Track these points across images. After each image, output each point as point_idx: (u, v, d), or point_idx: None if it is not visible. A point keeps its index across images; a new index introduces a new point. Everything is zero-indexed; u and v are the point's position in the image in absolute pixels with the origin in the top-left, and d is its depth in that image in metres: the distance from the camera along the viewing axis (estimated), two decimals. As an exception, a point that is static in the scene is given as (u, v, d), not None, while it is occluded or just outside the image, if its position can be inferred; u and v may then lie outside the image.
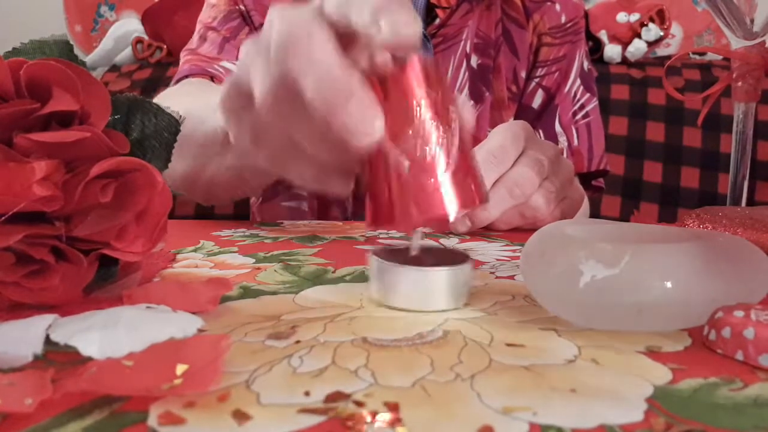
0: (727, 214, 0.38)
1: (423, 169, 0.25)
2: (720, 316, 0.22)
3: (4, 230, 0.23)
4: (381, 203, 0.26)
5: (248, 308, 0.27)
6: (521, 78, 0.71)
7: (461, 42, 0.68)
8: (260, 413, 0.17)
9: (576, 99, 0.72)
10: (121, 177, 0.26)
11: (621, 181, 1.24)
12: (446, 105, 0.26)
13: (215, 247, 0.41)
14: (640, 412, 0.17)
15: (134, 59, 1.54)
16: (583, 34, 0.74)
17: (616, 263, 0.23)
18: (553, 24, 0.71)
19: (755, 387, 0.19)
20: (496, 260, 0.38)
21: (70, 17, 1.84)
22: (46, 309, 0.24)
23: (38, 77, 0.24)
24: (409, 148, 0.25)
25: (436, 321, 0.25)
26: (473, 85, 0.69)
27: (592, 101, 0.73)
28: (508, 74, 0.70)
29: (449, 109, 0.26)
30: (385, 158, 0.26)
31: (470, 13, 0.69)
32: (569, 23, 0.72)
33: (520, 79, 0.71)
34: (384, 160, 0.26)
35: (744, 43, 0.43)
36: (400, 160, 0.25)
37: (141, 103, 0.29)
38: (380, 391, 0.18)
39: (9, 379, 0.18)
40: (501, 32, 0.70)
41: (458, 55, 0.68)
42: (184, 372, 0.18)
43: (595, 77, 0.77)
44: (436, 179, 0.25)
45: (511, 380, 0.19)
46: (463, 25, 0.68)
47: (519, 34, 0.71)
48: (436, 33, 0.67)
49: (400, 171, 0.25)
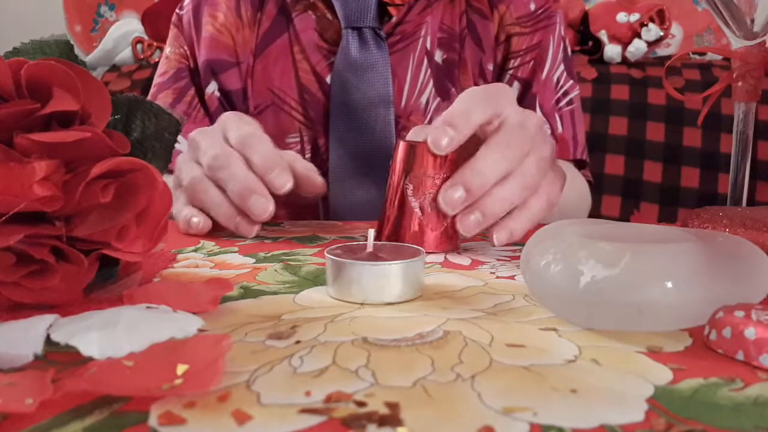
0: (727, 214, 0.38)
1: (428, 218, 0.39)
2: (721, 316, 0.22)
3: (4, 230, 0.23)
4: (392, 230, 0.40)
5: (248, 308, 0.27)
6: (488, 71, 0.70)
7: (420, 39, 0.67)
8: (260, 413, 0.17)
9: (559, 86, 0.71)
10: (122, 177, 0.26)
11: (621, 181, 1.24)
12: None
13: (215, 247, 0.42)
14: (640, 412, 0.17)
15: (134, 59, 1.54)
16: (557, 17, 0.71)
17: (616, 263, 0.23)
18: (522, 13, 0.70)
19: (756, 387, 0.19)
20: (496, 260, 0.38)
21: (70, 17, 1.84)
22: (46, 309, 0.24)
23: (39, 77, 0.24)
24: (423, 203, 0.39)
25: (436, 321, 0.25)
26: (438, 81, 0.68)
27: (575, 89, 0.72)
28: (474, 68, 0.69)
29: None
30: (408, 204, 0.39)
31: (428, 9, 0.68)
32: (540, 10, 0.70)
33: (488, 72, 0.70)
34: (407, 205, 0.39)
35: (744, 43, 0.43)
36: (416, 210, 0.39)
37: (141, 103, 0.29)
38: (381, 391, 0.18)
39: (9, 379, 0.18)
40: (465, 24, 0.69)
41: (418, 53, 0.67)
42: (184, 372, 0.18)
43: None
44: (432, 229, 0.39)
45: (511, 380, 0.19)
46: (422, 22, 0.67)
47: (483, 25, 0.69)
48: (393, 31, 0.67)
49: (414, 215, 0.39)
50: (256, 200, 0.42)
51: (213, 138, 0.46)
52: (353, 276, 0.28)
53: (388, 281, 0.28)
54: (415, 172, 0.39)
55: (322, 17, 0.67)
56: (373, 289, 0.28)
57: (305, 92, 0.66)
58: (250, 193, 0.42)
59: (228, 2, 0.69)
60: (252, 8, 0.69)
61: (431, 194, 0.38)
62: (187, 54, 0.70)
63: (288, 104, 0.67)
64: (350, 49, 0.65)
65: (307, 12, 0.67)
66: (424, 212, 0.39)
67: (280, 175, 0.43)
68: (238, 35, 0.68)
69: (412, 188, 0.39)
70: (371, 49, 0.65)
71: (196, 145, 0.46)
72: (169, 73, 0.70)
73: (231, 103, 0.68)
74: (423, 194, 0.39)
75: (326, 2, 0.67)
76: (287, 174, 0.44)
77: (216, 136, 0.47)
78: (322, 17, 0.67)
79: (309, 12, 0.67)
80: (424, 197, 0.39)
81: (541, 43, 0.70)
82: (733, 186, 0.44)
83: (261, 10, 0.69)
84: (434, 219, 0.39)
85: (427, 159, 0.38)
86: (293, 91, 0.66)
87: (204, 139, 0.46)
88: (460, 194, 0.37)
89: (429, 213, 0.39)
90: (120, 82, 1.42)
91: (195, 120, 0.67)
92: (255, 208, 0.42)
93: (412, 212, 0.39)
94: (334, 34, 0.66)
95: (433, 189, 0.38)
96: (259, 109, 0.67)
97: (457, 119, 0.38)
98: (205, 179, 0.45)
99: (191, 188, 0.45)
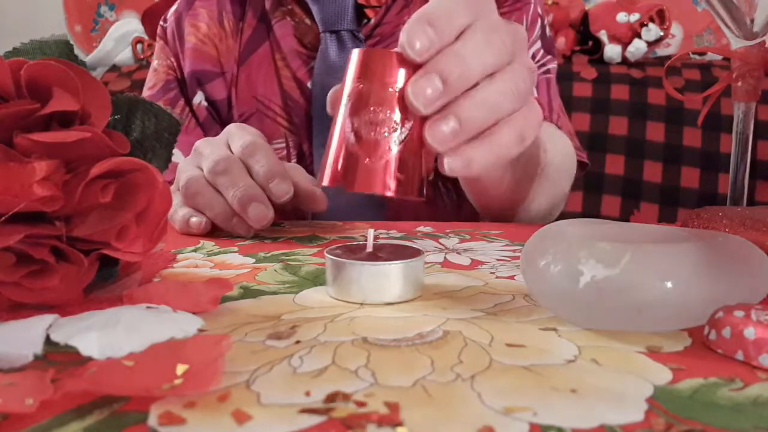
0: (727, 214, 0.38)
1: (367, 147, 0.27)
2: (720, 316, 0.22)
3: (4, 230, 0.23)
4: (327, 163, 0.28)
5: (248, 308, 0.27)
6: None
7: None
8: (260, 413, 0.17)
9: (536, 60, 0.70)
10: (122, 177, 0.26)
11: (621, 181, 1.24)
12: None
13: (215, 247, 0.42)
14: (640, 412, 0.17)
15: (134, 59, 1.54)
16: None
17: (616, 263, 0.23)
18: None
19: (755, 387, 0.19)
20: (496, 260, 0.38)
21: (70, 17, 1.84)
22: (46, 309, 0.24)
23: (39, 77, 0.24)
24: (362, 125, 0.27)
25: (436, 321, 0.25)
26: None
27: (553, 62, 0.72)
28: None
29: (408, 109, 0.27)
30: (342, 125, 0.28)
31: (405, 9, 0.68)
32: None
33: None
34: (341, 127, 0.28)
35: (744, 43, 0.43)
36: (349, 133, 0.27)
37: (141, 103, 0.29)
38: (380, 391, 0.18)
39: (9, 379, 0.18)
40: None
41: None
42: (184, 372, 0.18)
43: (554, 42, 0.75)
44: (375, 160, 0.27)
45: (511, 380, 0.19)
46: (400, 22, 0.67)
47: None
48: (372, 33, 0.67)
49: (349, 142, 0.27)
50: (255, 207, 0.43)
51: (216, 145, 0.47)
52: (353, 276, 0.28)
53: (388, 281, 0.28)
54: (366, 84, 0.27)
55: (300, 23, 0.68)
56: (373, 289, 0.28)
57: (288, 98, 0.67)
58: (250, 200, 0.43)
59: (210, 12, 0.70)
60: (234, 17, 0.69)
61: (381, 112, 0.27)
62: (174, 65, 0.71)
63: (272, 110, 0.67)
64: (329, 53, 0.65)
65: (286, 18, 0.68)
66: (361, 138, 0.27)
67: (280, 184, 0.44)
68: (222, 45, 0.69)
69: (350, 105, 0.28)
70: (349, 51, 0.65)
71: (199, 152, 0.47)
72: (158, 86, 0.71)
73: (217, 112, 0.69)
74: (369, 111, 0.27)
75: (304, 8, 0.67)
76: (288, 184, 0.44)
77: (219, 144, 0.47)
78: (301, 23, 0.68)
79: (287, 18, 0.68)
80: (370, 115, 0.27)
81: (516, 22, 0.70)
82: (733, 186, 0.44)
83: (242, 19, 0.69)
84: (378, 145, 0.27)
85: (389, 67, 0.27)
86: (277, 98, 0.67)
87: (207, 146, 0.47)
88: (435, 85, 0.26)
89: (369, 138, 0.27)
90: (120, 82, 1.42)
91: (187, 130, 0.68)
92: (254, 214, 0.43)
93: (343, 138, 0.28)
94: (313, 39, 0.67)
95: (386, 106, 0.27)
96: (244, 117, 0.68)
97: (437, 19, 0.27)
98: (203, 180, 0.45)
99: (188, 188, 0.46)
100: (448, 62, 0.27)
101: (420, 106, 0.26)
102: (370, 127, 0.27)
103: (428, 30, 0.27)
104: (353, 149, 0.27)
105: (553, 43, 0.75)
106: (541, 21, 0.72)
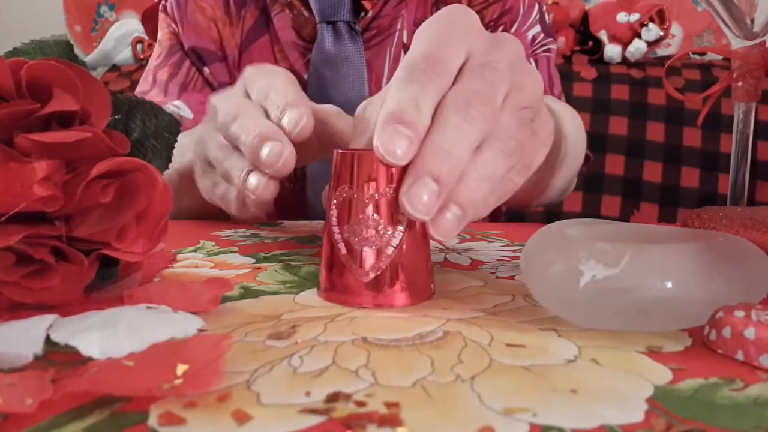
0: (727, 214, 0.38)
1: (356, 260, 0.27)
2: (720, 316, 0.22)
3: (4, 230, 0.23)
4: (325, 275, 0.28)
5: (248, 308, 0.27)
6: None
7: (396, 33, 0.68)
8: (261, 413, 0.17)
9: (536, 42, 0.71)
10: (122, 177, 0.26)
11: (621, 181, 1.24)
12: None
13: (215, 247, 0.42)
14: (640, 412, 0.17)
15: (134, 59, 1.54)
16: None
17: (616, 263, 0.23)
18: None
19: (756, 387, 0.19)
20: (496, 260, 0.38)
21: (70, 17, 1.84)
22: (46, 309, 0.24)
23: (38, 77, 0.24)
24: (350, 235, 0.27)
25: (436, 321, 0.25)
26: None
27: (553, 43, 0.72)
28: None
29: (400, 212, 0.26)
30: (331, 236, 0.27)
31: (403, 2, 0.68)
32: None
33: None
34: (330, 237, 0.28)
35: (744, 43, 0.43)
36: (339, 244, 0.27)
37: (141, 103, 0.29)
38: (381, 391, 0.18)
39: (9, 379, 0.18)
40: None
41: (394, 47, 0.68)
42: (184, 372, 0.18)
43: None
44: (365, 273, 0.27)
45: (511, 381, 0.19)
46: (397, 15, 0.68)
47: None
48: (369, 26, 0.67)
49: (339, 252, 0.27)
50: (270, 147, 0.34)
51: (231, 97, 0.40)
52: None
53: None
54: (349, 189, 0.27)
55: (298, 15, 0.68)
56: None
57: None
58: (264, 140, 0.34)
59: None
60: (236, 6, 0.70)
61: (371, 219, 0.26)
62: (177, 32, 0.71)
63: None
64: (325, 44, 0.65)
65: (285, 10, 0.68)
66: (351, 248, 0.27)
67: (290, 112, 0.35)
68: (225, 30, 0.70)
69: (336, 212, 0.27)
70: (345, 42, 0.66)
71: (215, 110, 0.39)
72: (163, 54, 0.71)
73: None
74: (354, 216, 0.26)
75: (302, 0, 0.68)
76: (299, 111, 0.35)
77: (235, 94, 0.40)
78: (299, 15, 0.68)
79: (286, 10, 0.68)
80: (357, 222, 0.26)
81: (513, 8, 0.71)
82: (733, 186, 0.44)
83: (244, 7, 0.70)
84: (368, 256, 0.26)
85: (369, 169, 0.26)
86: None
87: (220, 101, 0.40)
88: (429, 189, 0.25)
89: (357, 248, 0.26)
90: (120, 82, 1.42)
91: (195, 88, 0.68)
92: (268, 156, 0.33)
93: (335, 249, 0.27)
94: (311, 32, 0.67)
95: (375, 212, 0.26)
96: None
97: (405, 113, 0.25)
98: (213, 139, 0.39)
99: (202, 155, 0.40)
100: (434, 160, 0.25)
101: (420, 214, 0.25)
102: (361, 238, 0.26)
103: (402, 130, 0.25)
104: (346, 260, 0.27)
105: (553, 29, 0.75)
106: (539, 6, 0.72)
